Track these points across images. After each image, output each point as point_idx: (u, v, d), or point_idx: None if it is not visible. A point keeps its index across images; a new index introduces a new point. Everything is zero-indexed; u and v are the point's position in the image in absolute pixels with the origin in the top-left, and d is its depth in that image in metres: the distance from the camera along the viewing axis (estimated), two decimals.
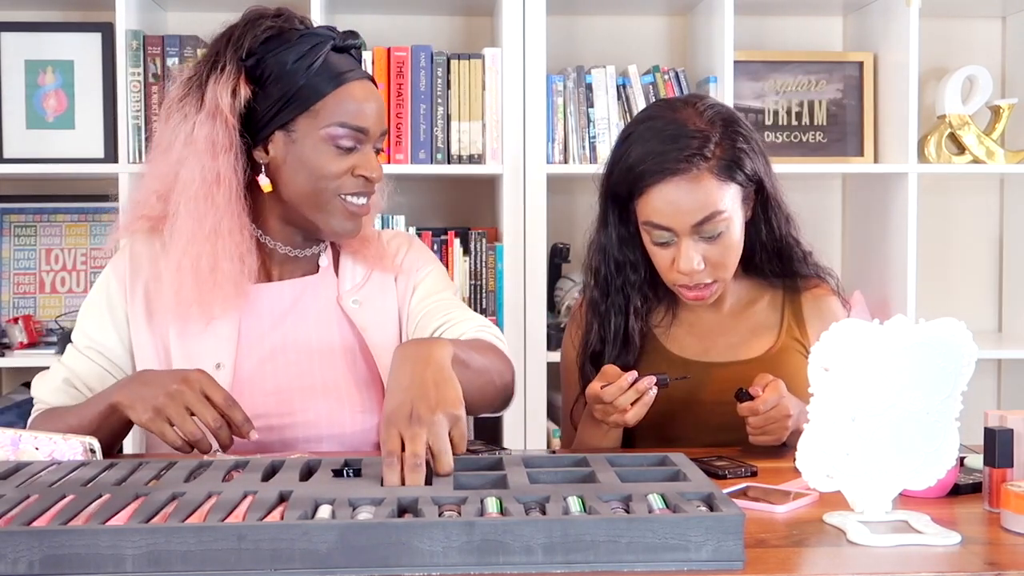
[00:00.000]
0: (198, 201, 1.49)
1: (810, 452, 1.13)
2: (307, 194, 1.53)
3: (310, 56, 1.50)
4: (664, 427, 1.62)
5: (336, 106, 1.50)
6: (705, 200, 1.54)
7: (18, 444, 1.32)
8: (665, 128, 1.57)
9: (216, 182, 1.49)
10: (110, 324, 1.59)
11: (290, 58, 1.50)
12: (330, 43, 1.52)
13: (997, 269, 3.00)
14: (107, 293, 1.60)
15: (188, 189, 1.50)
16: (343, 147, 1.51)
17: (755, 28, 2.88)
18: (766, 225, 1.65)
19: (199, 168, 1.49)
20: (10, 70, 2.58)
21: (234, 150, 1.49)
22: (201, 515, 1.01)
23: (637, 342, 1.67)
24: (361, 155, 1.53)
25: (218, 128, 1.48)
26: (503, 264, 2.56)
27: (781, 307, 1.72)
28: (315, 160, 1.51)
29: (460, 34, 2.85)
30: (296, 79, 1.49)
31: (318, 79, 1.50)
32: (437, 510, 1.01)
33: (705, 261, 1.57)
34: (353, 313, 1.61)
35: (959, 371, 1.13)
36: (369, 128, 1.53)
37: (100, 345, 1.59)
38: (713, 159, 1.54)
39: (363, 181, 1.54)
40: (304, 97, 1.50)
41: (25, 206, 2.73)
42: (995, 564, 1.00)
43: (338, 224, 1.55)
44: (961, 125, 2.73)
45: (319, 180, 1.52)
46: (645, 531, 0.96)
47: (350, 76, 1.52)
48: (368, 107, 1.52)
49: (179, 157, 1.51)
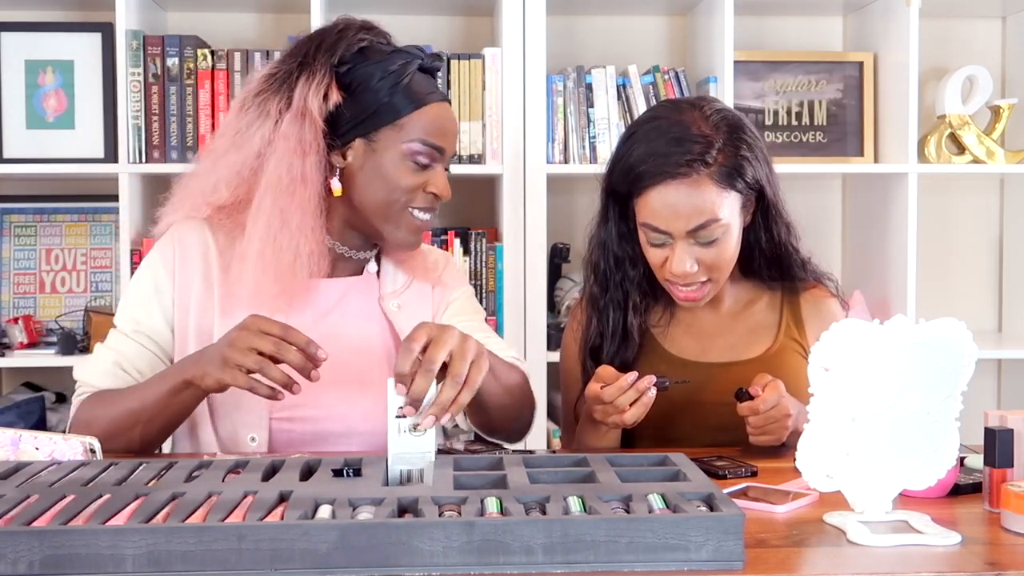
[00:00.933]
0: (284, 197, 1.52)
1: (810, 452, 1.13)
2: (379, 203, 1.57)
3: (399, 72, 1.54)
4: (663, 427, 1.62)
5: (419, 123, 1.55)
6: (703, 206, 1.54)
7: (18, 444, 1.32)
8: (669, 130, 1.56)
9: (302, 181, 1.52)
10: (157, 309, 1.60)
11: (379, 72, 1.54)
12: (417, 63, 1.57)
13: (997, 269, 3.00)
14: (154, 278, 1.60)
15: (276, 184, 1.52)
16: (419, 163, 1.56)
17: (755, 28, 2.88)
18: (765, 232, 1.65)
19: (286, 165, 1.51)
20: (10, 70, 2.58)
21: (319, 152, 1.53)
22: (201, 515, 1.01)
23: (636, 338, 1.67)
24: (434, 173, 1.58)
25: (306, 129, 1.51)
26: (503, 264, 2.56)
27: (780, 308, 1.72)
28: (392, 172, 1.55)
29: (460, 34, 2.85)
30: (384, 93, 1.54)
31: (405, 95, 1.54)
32: (437, 510, 1.01)
33: (699, 264, 1.57)
34: (393, 315, 1.64)
35: (959, 371, 1.13)
36: (446, 148, 1.58)
37: (148, 329, 1.59)
38: (715, 165, 1.54)
39: (432, 198, 1.59)
40: (390, 111, 1.54)
41: (25, 206, 2.73)
42: (995, 564, 1.00)
43: (403, 236, 1.59)
44: (961, 125, 2.73)
45: (393, 192, 1.56)
46: (645, 531, 0.96)
47: (435, 97, 1.58)
48: (448, 128, 1.59)
49: (260, 152, 1.53)
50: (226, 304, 1.57)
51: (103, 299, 2.71)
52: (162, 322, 1.60)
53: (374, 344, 1.62)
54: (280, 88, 1.54)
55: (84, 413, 1.55)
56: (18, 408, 2.49)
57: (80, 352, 2.52)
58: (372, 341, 1.62)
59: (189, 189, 1.62)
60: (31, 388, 2.71)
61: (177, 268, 1.60)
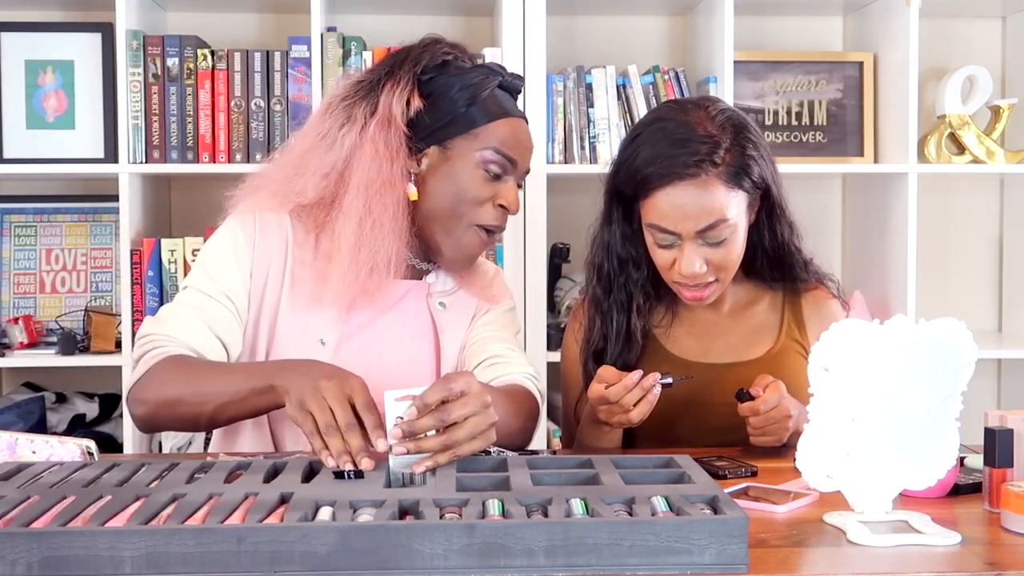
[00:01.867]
0: (375, 198, 1.55)
1: (810, 452, 1.13)
2: (446, 212, 1.58)
3: (479, 85, 1.57)
4: (665, 428, 1.62)
5: (495, 133, 1.57)
6: (711, 207, 1.53)
7: (15, 448, 1.31)
8: (675, 131, 1.56)
9: (390, 184, 1.55)
10: (237, 273, 1.58)
11: (459, 83, 1.57)
12: (498, 79, 1.60)
13: (997, 269, 3.00)
14: (234, 245, 1.59)
15: (368, 186, 1.55)
16: (491, 172, 1.57)
17: (755, 28, 2.88)
18: (769, 231, 1.65)
19: (376, 168, 1.54)
20: (10, 70, 2.58)
21: (403, 157, 1.56)
22: (201, 517, 1.01)
23: (639, 340, 1.67)
24: (505, 186, 1.58)
25: (392, 134, 1.55)
26: (503, 264, 2.55)
27: (781, 309, 1.72)
28: (464, 180, 1.56)
29: (460, 34, 2.84)
30: (461, 103, 1.56)
31: (482, 107, 1.57)
32: (438, 512, 1.01)
33: (707, 264, 1.57)
34: (437, 313, 1.66)
35: (959, 371, 1.13)
36: (519, 161, 1.59)
37: (229, 291, 1.57)
38: (722, 165, 1.54)
39: (501, 213, 1.59)
40: (466, 120, 1.56)
41: (25, 206, 2.73)
42: (995, 564, 1.01)
43: (459, 254, 1.60)
44: (961, 125, 2.73)
45: (461, 202, 1.57)
46: (648, 534, 0.96)
47: (513, 112, 1.60)
48: (523, 142, 1.60)
49: (348, 155, 1.56)
50: (295, 298, 1.58)
51: (103, 299, 2.71)
52: (241, 288, 1.58)
53: (423, 352, 1.64)
54: (367, 95, 1.58)
55: (158, 376, 1.47)
56: (18, 408, 2.49)
57: (80, 352, 2.52)
58: (421, 348, 1.64)
59: (269, 184, 1.63)
60: (31, 388, 2.71)
61: (257, 243, 1.59)
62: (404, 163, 1.56)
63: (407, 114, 1.56)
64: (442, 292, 1.68)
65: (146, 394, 1.47)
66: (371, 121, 1.55)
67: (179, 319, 1.54)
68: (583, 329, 1.72)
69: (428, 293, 1.67)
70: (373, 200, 1.54)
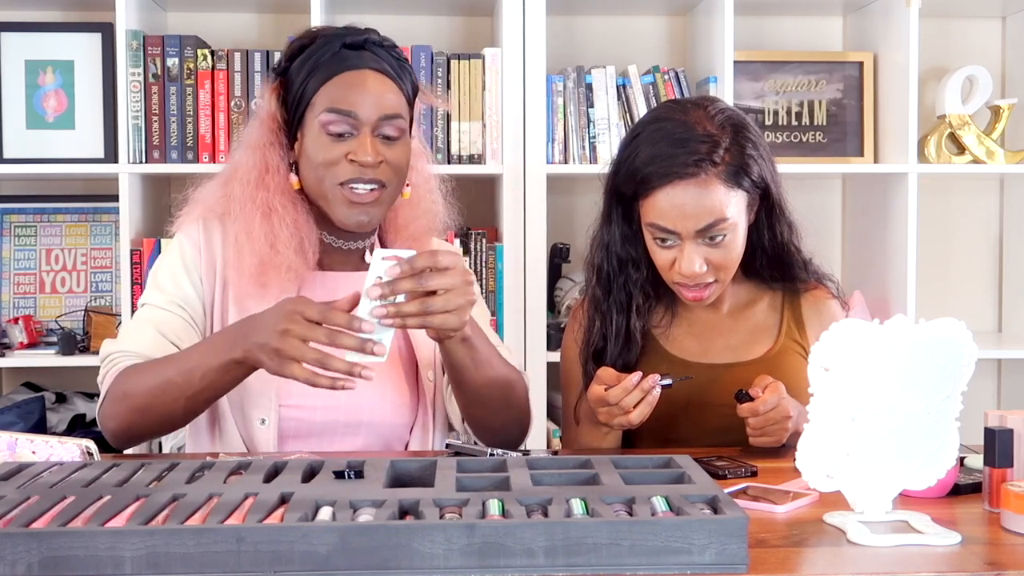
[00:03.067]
0: (251, 186, 1.61)
1: (810, 452, 1.13)
2: (313, 184, 1.60)
3: (319, 56, 1.58)
4: (664, 429, 1.62)
5: (327, 94, 1.57)
6: (712, 206, 1.53)
7: (14, 448, 1.31)
8: (675, 131, 1.56)
9: (266, 170, 1.61)
10: (187, 282, 1.63)
11: (302, 60, 1.60)
12: (339, 42, 1.59)
13: (997, 269, 3.00)
14: (182, 256, 1.64)
15: (245, 177, 1.62)
16: (334, 133, 1.57)
17: (755, 28, 2.88)
18: (768, 231, 1.65)
19: (252, 161, 1.62)
20: (10, 70, 2.58)
21: (279, 146, 1.63)
22: (201, 517, 1.01)
23: (639, 340, 1.67)
24: (356, 140, 1.57)
25: (264, 128, 1.63)
26: (503, 264, 2.56)
27: (780, 309, 1.72)
28: (312, 149, 1.58)
29: (460, 34, 2.85)
30: (302, 79, 1.59)
31: (316, 76, 1.58)
32: (438, 512, 1.01)
33: (707, 263, 1.57)
34: None
35: (959, 371, 1.13)
36: (358, 112, 1.56)
37: (181, 299, 1.62)
38: (722, 164, 1.54)
39: (358, 167, 1.56)
40: (308, 93, 1.59)
41: (25, 206, 2.73)
42: (995, 564, 1.01)
43: (342, 213, 1.59)
44: (961, 125, 2.73)
45: (317, 169, 1.58)
46: (648, 534, 0.96)
47: (345, 67, 1.58)
48: (357, 93, 1.57)
49: (237, 156, 1.67)
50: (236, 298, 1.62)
51: (103, 299, 2.71)
52: (194, 294, 1.62)
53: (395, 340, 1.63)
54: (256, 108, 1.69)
55: (121, 386, 1.51)
56: (18, 408, 2.48)
57: (80, 352, 2.52)
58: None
59: (203, 191, 1.70)
60: (31, 388, 2.71)
61: (203, 248, 1.64)
62: (281, 155, 1.63)
63: (278, 110, 1.62)
64: None
65: (114, 407, 1.51)
66: (253, 123, 1.66)
67: (132, 334, 1.59)
68: (582, 329, 1.72)
69: None
70: (254, 187, 1.60)
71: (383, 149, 1.57)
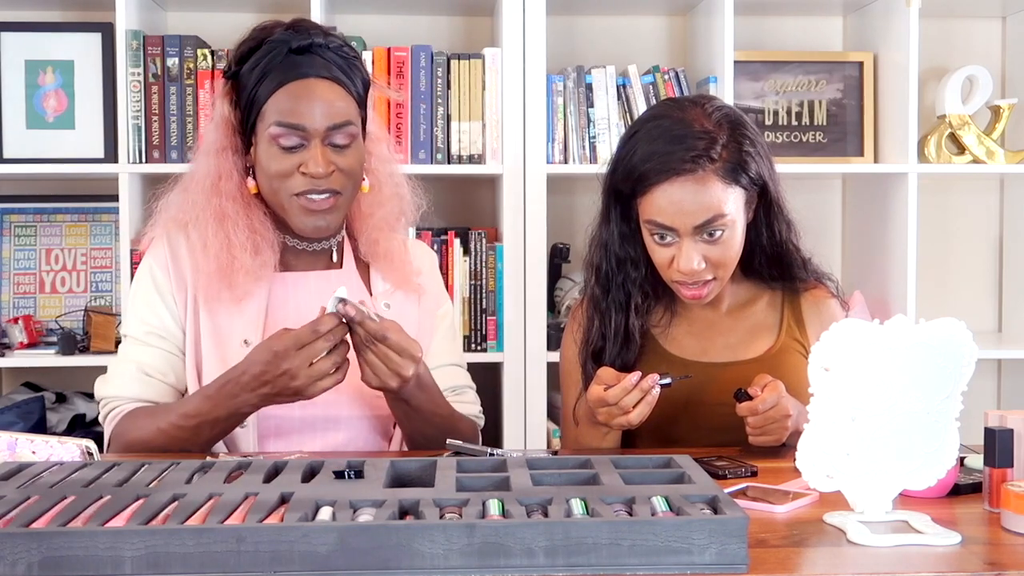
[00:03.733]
0: (209, 193, 1.61)
1: (810, 452, 1.13)
2: (270, 195, 1.62)
3: (268, 62, 1.57)
4: (664, 428, 1.62)
5: (275, 106, 1.56)
6: (709, 202, 1.53)
7: (14, 448, 1.31)
8: (672, 128, 1.56)
9: (219, 176, 1.61)
10: (163, 307, 1.64)
11: (251, 67, 1.58)
12: (285, 47, 1.57)
13: (997, 269, 3.00)
14: (152, 279, 1.66)
15: (201, 183, 1.62)
16: (285, 146, 1.57)
17: (755, 28, 2.88)
18: (767, 229, 1.65)
19: (207, 166, 1.62)
20: (10, 70, 2.58)
21: (234, 150, 1.63)
22: (201, 517, 1.01)
23: (637, 339, 1.67)
24: (307, 152, 1.57)
25: (220, 133, 1.63)
26: (503, 264, 2.56)
27: (780, 308, 1.72)
28: (265, 160, 1.59)
29: (460, 34, 2.85)
30: (251, 87, 1.58)
31: (265, 84, 1.57)
32: (438, 512, 1.01)
33: (706, 261, 1.57)
34: (384, 315, 1.64)
35: (959, 371, 1.13)
36: (307, 125, 1.56)
37: (159, 329, 1.64)
38: (719, 161, 1.54)
39: (311, 179, 1.57)
40: (258, 102, 1.58)
41: (25, 206, 2.72)
42: (995, 564, 1.01)
43: (299, 222, 1.61)
44: (961, 125, 2.73)
45: (272, 180, 1.59)
46: (647, 534, 0.96)
47: (293, 76, 1.56)
48: (304, 105, 1.55)
49: (195, 162, 1.67)
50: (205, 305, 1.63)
51: (103, 299, 2.71)
52: (170, 319, 1.64)
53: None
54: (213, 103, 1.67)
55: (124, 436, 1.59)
56: (18, 408, 2.48)
57: (80, 352, 2.52)
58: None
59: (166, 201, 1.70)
60: (31, 388, 2.71)
61: (171, 266, 1.65)
62: (236, 159, 1.63)
63: (232, 113, 1.62)
64: (384, 292, 1.70)
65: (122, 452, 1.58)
66: (209, 126, 1.66)
67: (119, 377, 1.64)
68: (581, 329, 1.72)
69: (372, 296, 1.69)
70: (209, 194, 1.61)
71: (335, 157, 1.58)
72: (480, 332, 2.57)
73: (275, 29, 1.60)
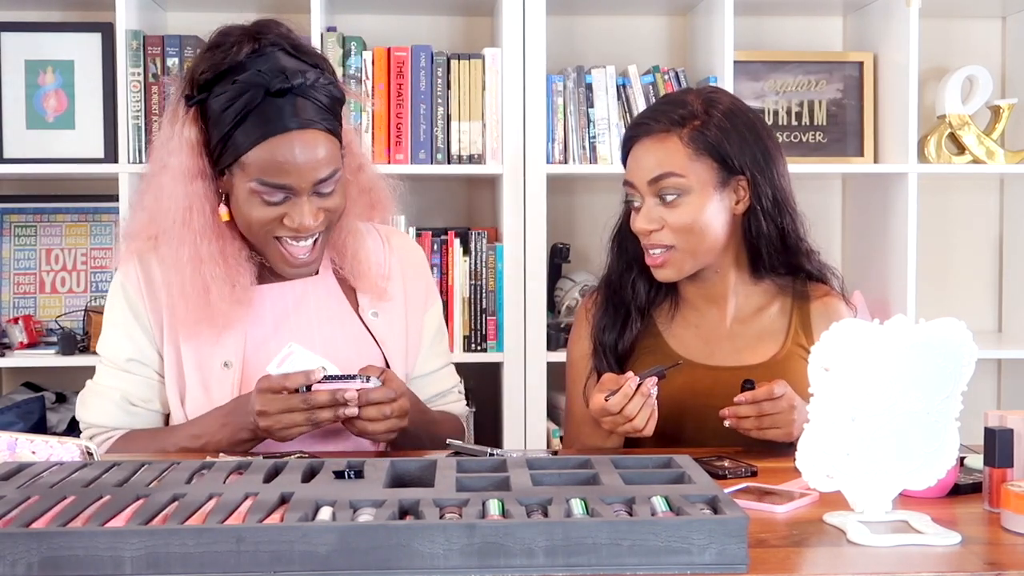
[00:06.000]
0: (177, 227, 1.54)
1: (810, 452, 1.13)
2: (247, 233, 1.57)
3: (239, 105, 1.47)
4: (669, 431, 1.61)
5: (258, 162, 1.48)
6: (664, 159, 1.59)
7: (14, 448, 1.31)
8: (662, 100, 1.68)
9: (189, 208, 1.53)
10: (140, 332, 1.62)
11: (221, 105, 1.48)
12: (262, 91, 1.46)
13: (997, 269, 3.00)
14: (127, 302, 1.62)
15: (168, 215, 1.54)
16: (269, 201, 1.51)
17: (755, 28, 2.88)
18: (765, 217, 1.65)
19: (175, 194, 1.53)
20: (10, 70, 2.58)
21: (204, 177, 1.53)
22: (201, 517, 1.01)
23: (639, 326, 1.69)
24: (292, 204, 1.51)
25: (185, 158, 1.52)
26: (503, 264, 2.56)
27: (789, 314, 1.71)
28: (245, 209, 1.52)
29: (460, 34, 2.85)
30: (224, 128, 1.48)
31: (244, 129, 1.47)
32: (438, 512, 1.01)
33: (664, 225, 1.61)
34: (372, 323, 1.67)
35: (959, 371, 1.13)
36: (292, 184, 1.49)
37: (140, 355, 1.62)
38: (688, 128, 1.60)
39: (295, 229, 1.52)
40: (233, 147, 1.49)
41: (25, 206, 2.72)
42: (995, 564, 1.01)
43: (280, 267, 1.58)
44: (961, 125, 2.73)
45: (251, 225, 1.54)
46: (647, 534, 0.96)
47: (274, 129, 1.46)
48: (290, 164, 1.47)
49: (160, 182, 1.55)
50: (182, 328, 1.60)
51: (103, 299, 2.68)
52: (147, 343, 1.62)
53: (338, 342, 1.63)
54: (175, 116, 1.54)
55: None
56: (18, 408, 2.48)
57: (80, 352, 2.52)
58: (335, 339, 1.63)
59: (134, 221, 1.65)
60: (31, 388, 2.71)
61: (144, 288, 1.62)
62: (207, 186, 1.53)
63: (199, 137, 1.51)
64: (370, 303, 1.68)
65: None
66: (171, 143, 1.53)
67: (97, 405, 1.62)
68: (589, 328, 1.73)
69: (358, 307, 1.67)
70: (177, 229, 1.53)
71: (320, 203, 1.52)
72: (480, 332, 2.57)
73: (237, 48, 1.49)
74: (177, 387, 1.61)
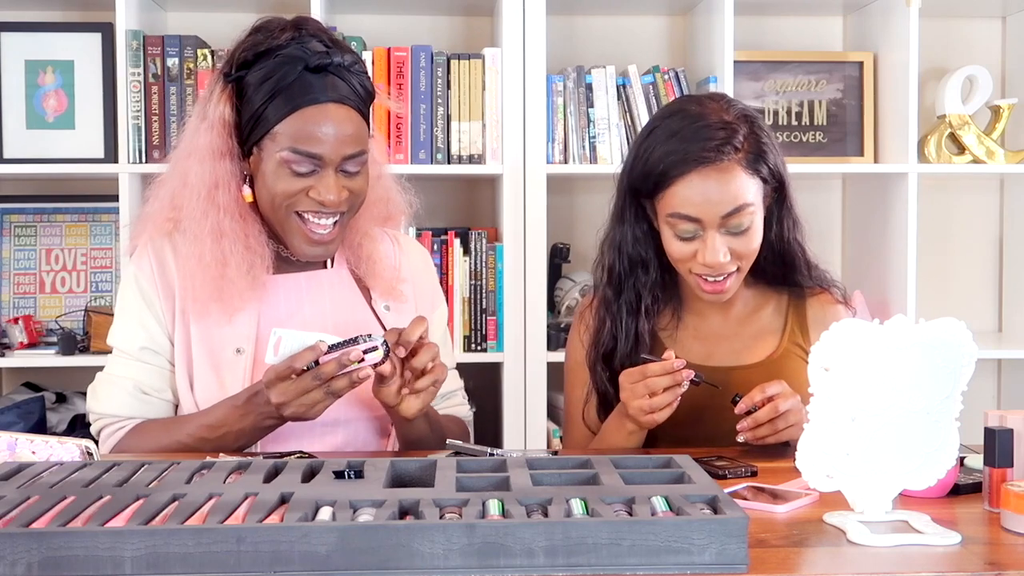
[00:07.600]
0: (202, 202, 1.57)
1: (810, 452, 1.13)
2: (268, 209, 1.58)
3: (281, 77, 1.52)
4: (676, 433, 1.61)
5: (290, 131, 1.52)
6: (736, 191, 1.54)
7: (14, 448, 1.31)
8: (693, 120, 1.57)
9: (216, 185, 1.56)
10: (153, 320, 1.63)
11: (262, 77, 1.53)
12: (300, 64, 1.52)
13: (997, 269, 3.00)
14: (140, 291, 1.63)
15: (194, 192, 1.57)
16: (298, 172, 1.53)
17: (755, 28, 2.88)
18: (777, 225, 1.64)
19: (201, 172, 1.56)
20: (10, 70, 2.58)
21: (232, 156, 1.57)
22: (201, 517, 1.01)
23: (647, 342, 1.67)
24: (319, 178, 1.54)
25: (215, 136, 1.56)
26: (503, 264, 2.56)
27: (785, 312, 1.71)
28: (272, 181, 1.55)
29: (460, 34, 2.85)
30: (262, 101, 1.53)
31: (277, 102, 1.52)
32: (438, 512, 1.01)
33: (730, 253, 1.57)
34: (384, 317, 1.68)
35: (959, 371, 1.13)
36: (323, 154, 1.52)
37: (152, 344, 1.62)
38: (742, 151, 1.55)
39: (319, 203, 1.55)
40: (266, 120, 1.54)
41: (25, 206, 2.73)
42: (995, 564, 1.01)
43: (298, 247, 1.59)
44: (961, 125, 2.73)
45: (275, 197, 1.56)
46: (647, 534, 0.96)
47: (309, 100, 1.51)
48: (321, 133, 1.51)
49: (187, 164, 1.59)
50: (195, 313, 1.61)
51: (103, 299, 2.71)
52: (160, 332, 1.63)
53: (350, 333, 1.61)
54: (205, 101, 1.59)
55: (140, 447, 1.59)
56: (18, 408, 2.48)
57: (80, 352, 2.52)
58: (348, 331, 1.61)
59: (151, 206, 1.66)
60: (31, 388, 2.71)
61: (157, 277, 1.63)
62: (233, 166, 1.57)
63: (231, 117, 1.56)
64: (382, 294, 1.69)
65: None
66: (202, 126, 1.57)
67: (109, 394, 1.63)
68: (590, 332, 1.71)
69: (371, 299, 1.69)
70: (202, 204, 1.56)
71: (346, 182, 1.56)
72: (480, 332, 2.57)
73: (279, 32, 1.55)
74: (186, 371, 1.61)
